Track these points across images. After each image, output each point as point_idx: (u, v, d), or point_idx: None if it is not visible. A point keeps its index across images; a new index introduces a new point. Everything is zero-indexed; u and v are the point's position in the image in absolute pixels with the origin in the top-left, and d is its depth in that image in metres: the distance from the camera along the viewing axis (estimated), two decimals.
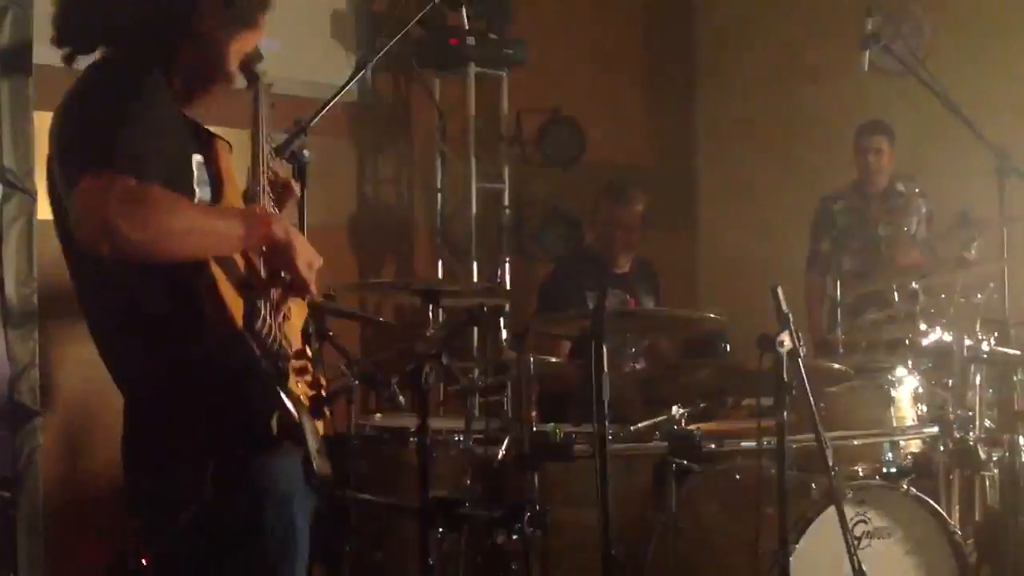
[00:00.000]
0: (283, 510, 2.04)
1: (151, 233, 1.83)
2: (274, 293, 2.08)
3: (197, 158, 2.08)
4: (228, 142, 2.21)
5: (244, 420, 1.97)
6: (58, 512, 3.93)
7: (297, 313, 2.22)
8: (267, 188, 2.22)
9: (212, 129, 2.21)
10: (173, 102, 2.10)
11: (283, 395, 1.98)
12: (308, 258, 2.06)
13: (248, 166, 2.24)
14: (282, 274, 2.06)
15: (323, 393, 2.20)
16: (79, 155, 1.88)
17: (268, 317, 2.03)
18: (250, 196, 2.20)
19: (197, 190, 2.05)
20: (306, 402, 2.10)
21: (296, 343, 2.17)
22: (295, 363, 2.10)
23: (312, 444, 2.01)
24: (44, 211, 3.81)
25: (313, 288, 2.10)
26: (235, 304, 1.95)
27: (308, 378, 2.16)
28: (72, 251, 2.03)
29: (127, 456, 2.08)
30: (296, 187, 2.47)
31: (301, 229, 2.95)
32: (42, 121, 3.83)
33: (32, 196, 3.72)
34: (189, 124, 2.16)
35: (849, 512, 3.12)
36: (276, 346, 2.04)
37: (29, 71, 3.75)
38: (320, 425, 2.14)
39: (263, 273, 2.07)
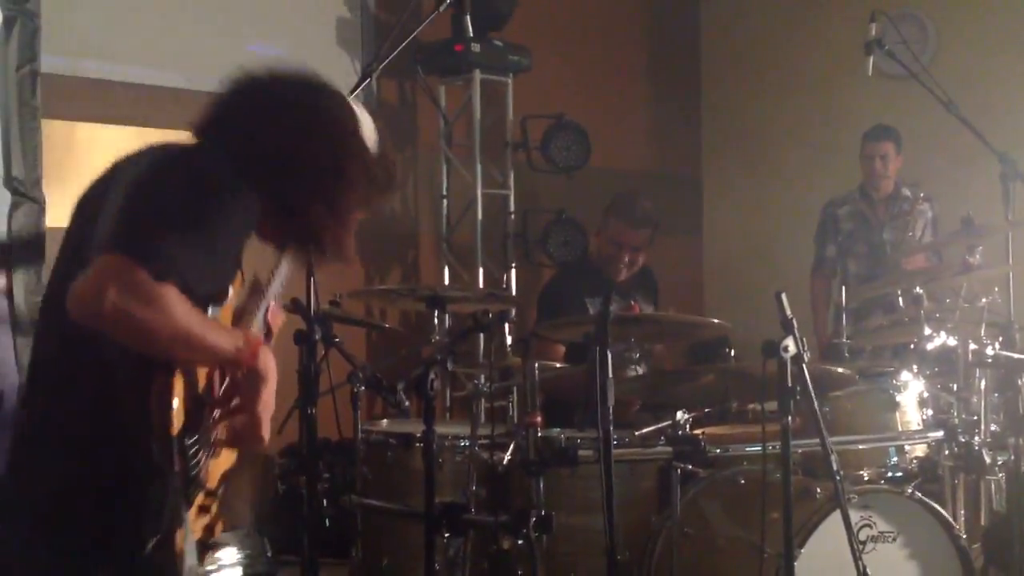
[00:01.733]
0: None
1: (133, 327, 1.79)
2: (219, 424, 2.03)
3: (233, 286, 2.05)
4: (242, 273, 2.16)
5: (130, 522, 1.90)
6: None
7: (226, 459, 2.17)
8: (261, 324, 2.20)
9: None
10: (249, 232, 2.01)
11: (176, 517, 1.91)
12: (268, 403, 2.01)
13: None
14: (233, 407, 2.02)
15: (210, 540, 2.11)
16: (119, 230, 1.83)
17: (202, 442, 1.99)
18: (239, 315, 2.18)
19: (211, 309, 1.99)
20: (190, 542, 2.01)
21: (213, 483, 2.11)
22: (203, 500, 2.04)
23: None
24: (52, 219, 3.84)
25: (262, 434, 2.03)
26: (179, 412, 1.90)
27: (205, 520, 2.07)
28: (55, 286, 1.99)
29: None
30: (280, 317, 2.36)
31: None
32: (49, 130, 3.87)
33: (40, 204, 3.74)
34: None
35: (854, 516, 3.12)
36: (196, 471, 1.98)
37: (37, 81, 3.77)
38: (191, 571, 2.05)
39: (218, 394, 2.02)
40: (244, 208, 1.93)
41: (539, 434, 3.16)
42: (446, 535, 2.79)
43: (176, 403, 1.90)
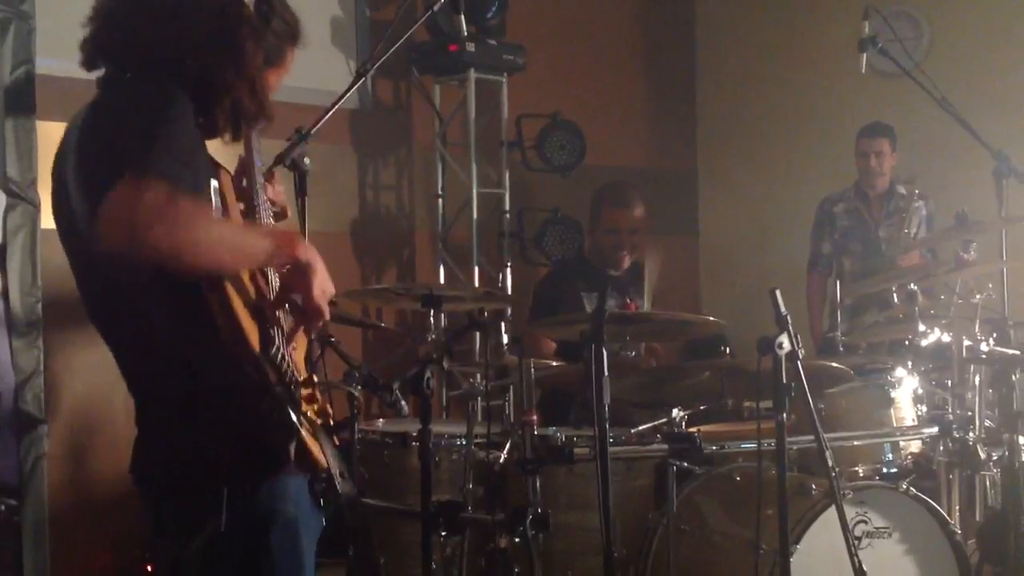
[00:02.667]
0: (289, 534, 2.04)
1: (179, 243, 1.82)
2: (284, 319, 2.08)
3: (214, 183, 2.09)
4: (229, 172, 2.23)
5: (260, 445, 1.96)
6: (63, 519, 3.95)
7: (301, 344, 2.23)
8: (267, 206, 2.25)
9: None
10: (196, 126, 2.08)
11: (298, 420, 1.97)
12: (324, 285, 2.06)
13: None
14: (293, 300, 2.07)
15: (330, 421, 2.19)
16: (110, 163, 1.86)
17: (280, 344, 2.03)
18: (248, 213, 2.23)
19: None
20: (315, 427, 2.09)
21: (302, 372, 2.17)
22: (304, 391, 2.11)
23: (335, 466, 2.02)
24: (47, 221, 3.84)
25: (326, 315, 2.09)
26: (250, 327, 1.95)
27: (316, 406, 2.15)
28: (81, 265, 2.04)
29: (140, 467, 2.07)
30: (288, 208, 2.45)
31: (303, 236, 2.97)
32: (44, 131, 3.86)
33: (35, 206, 3.74)
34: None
35: (849, 512, 3.14)
36: (289, 373, 2.04)
37: (32, 82, 3.77)
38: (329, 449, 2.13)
39: (273, 297, 2.07)
40: (184, 105, 1.99)
41: (535, 432, 3.17)
42: (443, 534, 2.80)
43: (244, 320, 1.93)
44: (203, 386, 1.97)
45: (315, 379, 2.21)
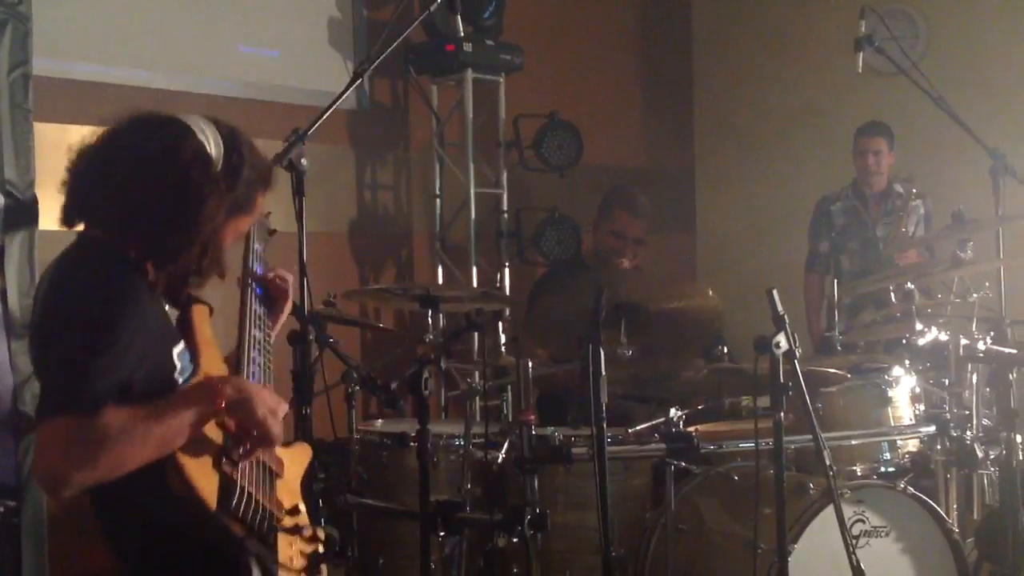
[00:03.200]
0: None
1: (100, 471, 1.88)
2: (257, 463, 2.08)
3: (177, 349, 2.11)
4: (208, 305, 2.24)
5: None
6: (61, 521, 3.95)
7: (295, 465, 2.23)
8: (253, 317, 2.28)
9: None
10: (154, 293, 2.11)
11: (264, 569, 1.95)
12: (269, 406, 2.05)
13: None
14: (251, 431, 2.06)
15: (319, 548, 2.16)
16: (42, 389, 1.96)
17: (247, 488, 2.02)
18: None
19: (179, 379, 2.09)
20: (299, 563, 2.08)
21: (291, 499, 2.16)
22: (287, 522, 2.09)
23: None
24: (46, 222, 3.84)
25: (277, 439, 2.08)
26: (206, 484, 1.95)
27: (304, 534, 2.13)
28: None
29: None
30: (290, 281, 2.47)
31: (300, 237, 2.97)
32: (42, 133, 3.86)
33: (34, 208, 3.74)
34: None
35: (847, 511, 3.14)
36: (259, 518, 2.01)
37: (29, 83, 3.77)
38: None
39: (232, 440, 2.06)
40: (132, 290, 2.02)
41: (533, 432, 3.17)
42: (441, 534, 2.80)
43: (200, 480, 1.94)
44: (166, 548, 1.99)
45: (300, 508, 2.18)
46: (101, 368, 1.91)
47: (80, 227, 2.14)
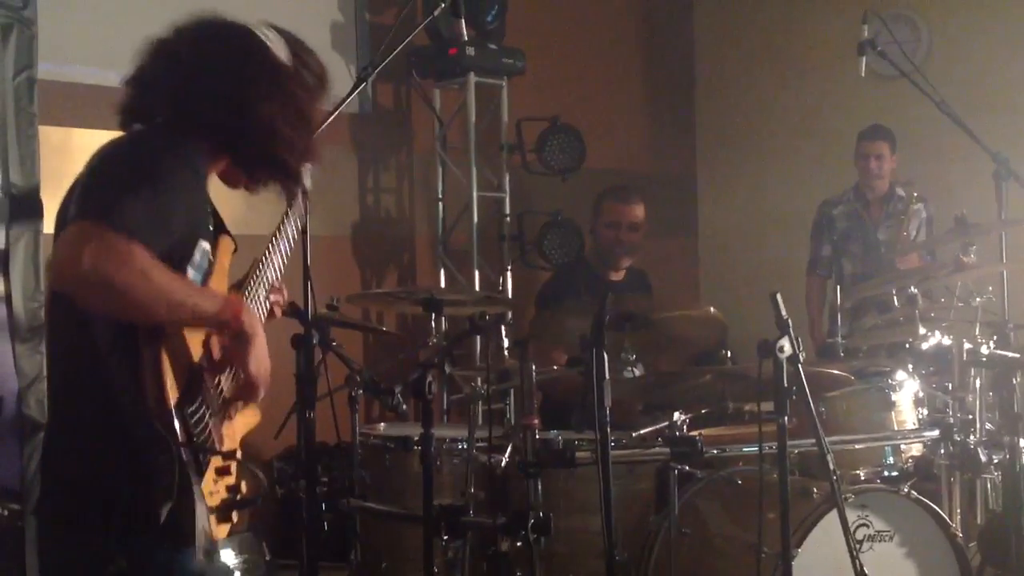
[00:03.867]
0: None
1: (113, 285, 1.88)
2: (222, 386, 2.11)
3: (203, 245, 2.12)
4: (235, 242, 2.26)
5: (144, 500, 1.95)
6: None
7: (243, 420, 2.23)
8: (260, 294, 2.30)
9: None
10: (204, 186, 2.14)
11: (181, 484, 1.95)
12: (261, 358, 2.09)
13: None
14: (233, 370, 2.10)
15: (237, 498, 2.15)
16: (82, 203, 1.96)
17: (205, 407, 2.04)
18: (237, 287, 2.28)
19: (190, 271, 2.09)
20: (215, 500, 2.07)
21: (231, 445, 2.16)
22: (219, 462, 2.09)
23: (199, 541, 1.98)
24: (50, 225, 3.84)
25: (260, 391, 2.12)
26: (172, 385, 1.96)
27: (228, 481, 2.12)
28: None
29: (43, 497, 2.10)
30: (285, 291, 2.47)
31: (304, 241, 2.98)
32: (47, 136, 3.87)
33: (38, 211, 3.75)
34: (212, 211, 2.21)
35: (851, 516, 3.14)
36: (203, 437, 2.03)
37: (34, 87, 3.77)
38: (224, 528, 2.10)
39: (215, 359, 2.09)
40: (185, 161, 2.06)
41: (537, 436, 3.17)
42: (445, 537, 2.80)
43: (169, 375, 1.95)
44: (110, 424, 1.98)
45: (238, 455, 2.18)
46: (143, 209, 1.93)
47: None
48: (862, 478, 3.56)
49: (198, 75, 2.12)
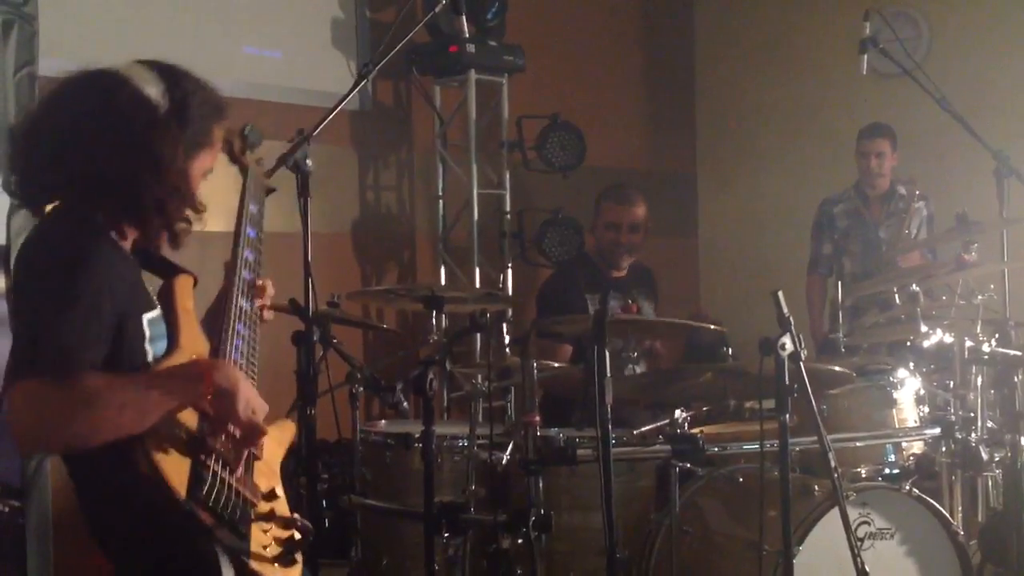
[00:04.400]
0: None
1: (76, 435, 1.85)
2: (225, 445, 2.02)
3: (149, 316, 2.04)
4: (192, 275, 2.19)
5: None
6: (66, 521, 3.94)
7: (275, 444, 2.18)
8: (242, 286, 2.23)
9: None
10: (125, 257, 2.06)
11: (225, 567, 1.92)
12: (251, 403, 2.02)
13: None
14: (230, 423, 2.03)
15: (296, 535, 2.12)
16: (13, 353, 1.90)
17: (220, 474, 1.97)
18: (222, 294, 2.25)
19: (150, 348, 2.03)
20: (274, 551, 2.04)
21: (268, 482, 2.12)
22: (262, 508, 2.05)
23: None
24: None
25: (259, 434, 2.05)
26: (175, 471, 1.91)
27: (279, 522, 2.09)
28: None
29: None
30: (269, 286, 2.37)
31: (304, 238, 2.97)
32: None
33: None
34: (154, 261, 2.14)
35: (852, 513, 3.14)
36: (231, 506, 1.96)
37: (35, 84, 3.77)
38: (295, 571, 2.08)
39: (208, 426, 2.01)
40: (92, 244, 1.98)
41: (538, 433, 3.17)
42: (445, 535, 2.80)
43: (167, 465, 1.90)
44: (135, 534, 1.97)
45: (278, 492, 2.13)
46: (71, 331, 1.88)
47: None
48: (863, 476, 3.56)
49: (82, 142, 2.03)
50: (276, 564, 2.02)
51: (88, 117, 2.03)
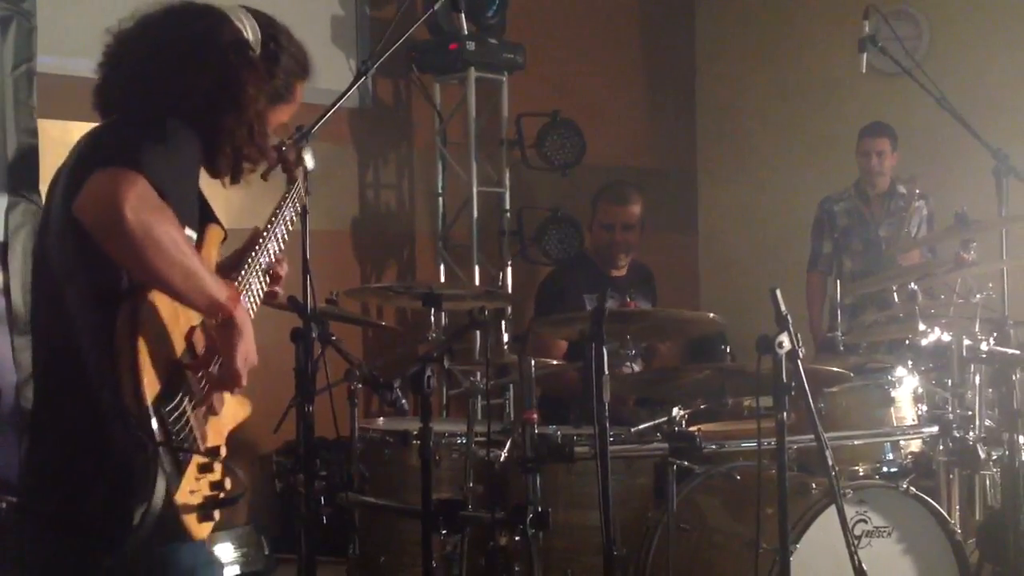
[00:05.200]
0: None
1: (153, 240, 1.85)
2: (203, 381, 2.07)
3: (189, 232, 2.08)
4: (223, 230, 2.23)
5: (119, 499, 1.92)
6: None
7: (231, 413, 2.21)
8: (253, 284, 2.28)
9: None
10: (198, 173, 2.13)
11: (159, 485, 1.92)
12: (248, 352, 2.07)
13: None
14: (216, 363, 2.07)
15: (220, 496, 2.11)
16: (104, 155, 1.91)
17: (187, 403, 2.01)
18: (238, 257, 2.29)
19: None
20: (197, 499, 2.04)
21: (215, 440, 2.14)
22: (201, 459, 2.05)
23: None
24: None
25: (242, 382, 2.09)
26: (151, 381, 1.92)
27: (212, 478, 2.09)
28: (39, 273, 2.10)
29: (25, 495, 2.11)
30: (284, 267, 2.46)
31: (304, 235, 2.97)
32: (45, 129, 3.87)
33: (37, 204, 3.75)
34: (202, 200, 2.19)
35: (849, 512, 3.14)
36: (183, 436, 1.98)
37: (33, 80, 3.77)
38: (206, 527, 2.07)
39: (199, 354, 2.06)
40: (187, 138, 2.04)
41: (535, 431, 3.17)
42: (443, 532, 2.80)
43: (147, 371, 1.92)
44: (88, 423, 1.96)
45: (222, 452, 2.15)
46: (164, 166, 1.91)
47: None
48: (861, 474, 3.56)
49: (175, 66, 2.10)
50: (195, 513, 2.02)
51: (187, 41, 2.11)
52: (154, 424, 1.91)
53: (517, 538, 2.85)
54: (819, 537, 3.14)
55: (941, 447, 3.64)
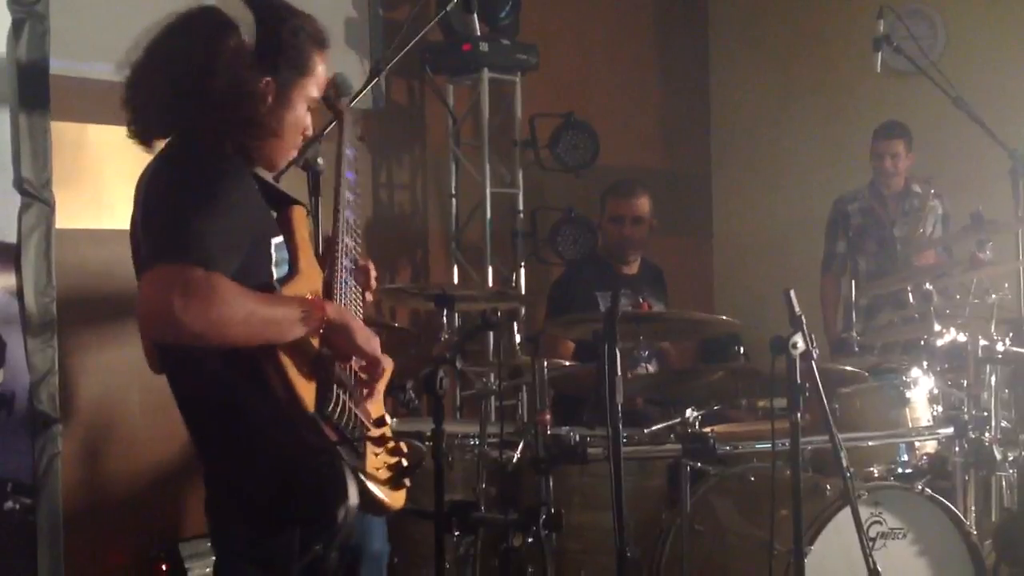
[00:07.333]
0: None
1: (208, 324, 1.89)
2: (349, 372, 2.16)
3: (276, 240, 2.14)
4: (305, 206, 2.30)
5: (316, 504, 2.03)
6: (77, 518, 3.96)
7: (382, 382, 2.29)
8: (345, 249, 2.37)
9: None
10: (251, 177, 2.17)
11: (354, 474, 2.03)
12: (365, 337, 2.16)
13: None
14: (351, 356, 2.15)
15: (404, 461, 2.24)
16: (154, 241, 1.97)
17: (343, 394, 2.08)
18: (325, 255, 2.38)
19: (275, 271, 2.12)
20: (385, 474, 2.15)
21: (377, 412, 2.23)
22: (374, 432, 2.16)
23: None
24: (62, 221, 3.85)
25: (382, 365, 2.20)
26: (305, 388, 2.01)
27: (389, 447, 2.20)
28: None
29: (218, 521, 2.16)
30: (372, 268, 2.59)
31: (316, 236, 2.98)
32: (58, 132, 3.88)
33: (50, 206, 3.75)
34: (270, 191, 2.23)
35: (864, 513, 3.13)
36: (352, 427, 2.08)
37: (46, 82, 3.78)
38: (400, 496, 2.21)
39: (332, 353, 2.12)
40: (227, 166, 2.08)
41: (548, 432, 3.16)
42: (456, 533, 2.79)
43: (298, 381, 1.99)
44: (260, 445, 2.03)
45: (386, 419, 2.26)
46: (213, 233, 1.94)
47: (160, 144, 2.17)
48: (876, 475, 3.54)
49: (172, 78, 2.13)
50: (386, 486, 2.13)
51: (193, 60, 2.13)
52: (325, 429, 2.01)
53: (530, 539, 2.83)
54: (834, 539, 3.13)
55: (956, 448, 3.63)
